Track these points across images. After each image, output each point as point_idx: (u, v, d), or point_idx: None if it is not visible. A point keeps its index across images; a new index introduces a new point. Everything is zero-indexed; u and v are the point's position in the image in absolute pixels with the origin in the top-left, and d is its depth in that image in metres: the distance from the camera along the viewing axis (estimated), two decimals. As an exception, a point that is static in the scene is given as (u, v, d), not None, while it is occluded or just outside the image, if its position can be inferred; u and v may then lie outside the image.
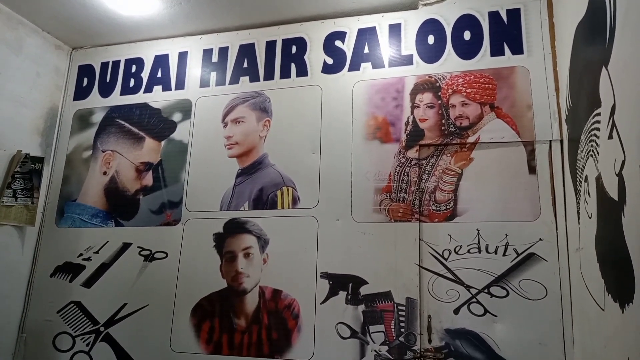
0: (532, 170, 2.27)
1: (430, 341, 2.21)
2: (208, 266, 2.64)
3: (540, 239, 2.18)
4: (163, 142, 2.94)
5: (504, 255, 2.20)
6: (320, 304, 2.40)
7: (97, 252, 2.87)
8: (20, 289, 2.91)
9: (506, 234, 2.22)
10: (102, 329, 2.74)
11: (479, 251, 2.24)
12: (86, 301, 2.81)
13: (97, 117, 3.14)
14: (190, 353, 2.55)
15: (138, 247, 2.80)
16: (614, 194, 1.46)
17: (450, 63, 2.54)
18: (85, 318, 2.79)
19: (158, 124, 2.99)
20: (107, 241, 2.86)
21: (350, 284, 2.38)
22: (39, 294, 2.92)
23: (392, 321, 2.28)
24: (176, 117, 2.97)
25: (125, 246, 2.82)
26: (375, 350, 2.28)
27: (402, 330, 2.26)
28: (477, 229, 2.27)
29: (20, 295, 2.91)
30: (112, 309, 2.74)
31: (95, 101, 3.17)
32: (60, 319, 2.83)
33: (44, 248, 2.99)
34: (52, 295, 2.88)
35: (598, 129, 1.63)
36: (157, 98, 3.03)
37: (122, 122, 3.06)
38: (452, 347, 2.18)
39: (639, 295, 1.27)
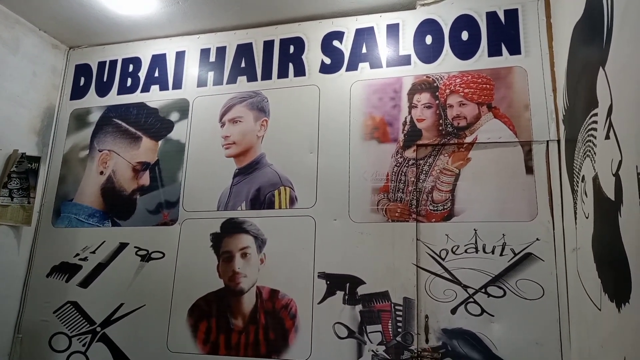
0: (530, 170, 2.27)
1: (427, 341, 2.21)
2: (205, 266, 2.63)
3: (537, 239, 2.18)
4: (160, 142, 2.94)
5: (501, 255, 2.21)
6: (318, 304, 2.40)
7: (93, 252, 2.86)
8: (16, 289, 2.90)
9: (503, 234, 2.22)
10: (98, 329, 2.73)
11: (476, 251, 2.24)
12: (83, 301, 2.80)
13: (94, 117, 3.13)
14: (187, 353, 2.55)
15: (135, 247, 2.79)
16: (610, 194, 1.46)
17: (448, 63, 2.54)
18: (81, 318, 2.78)
19: (155, 123, 2.98)
20: (104, 241, 2.85)
21: (348, 284, 2.38)
22: (35, 294, 2.91)
23: (390, 321, 2.28)
24: (173, 116, 2.96)
25: (122, 246, 2.81)
26: (372, 350, 2.28)
27: (400, 330, 2.26)
28: (474, 229, 2.27)
29: (16, 295, 2.90)
30: (108, 309, 2.73)
31: (92, 100, 3.16)
32: (56, 319, 2.82)
33: (40, 248, 2.98)
34: (49, 295, 2.87)
35: (595, 129, 1.64)
36: (155, 97, 3.03)
37: (119, 122, 3.05)
38: (450, 346, 2.18)
39: (635, 295, 1.28)
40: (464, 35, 2.55)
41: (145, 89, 3.07)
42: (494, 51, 2.48)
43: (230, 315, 2.54)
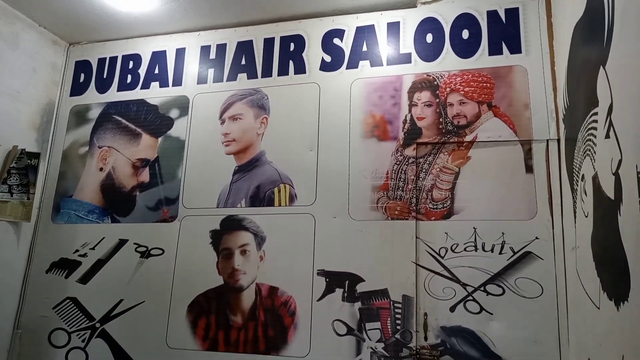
0: (529, 169, 2.27)
1: (426, 338, 2.22)
2: (204, 263, 2.63)
3: (537, 238, 2.19)
4: (160, 139, 2.93)
5: (500, 253, 2.21)
6: (317, 301, 2.40)
7: (93, 249, 2.86)
8: (15, 284, 2.90)
9: (503, 233, 2.23)
10: (98, 325, 2.73)
11: (476, 249, 2.24)
12: (82, 297, 2.80)
13: (94, 113, 3.12)
14: (187, 349, 2.55)
15: (134, 243, 2.79)
16: (610, 193, 1.46)
17: (448, 62, 2.54)
18: (81, 314, 2.78)
19: (155, 120, 2.98)
20: (103, 237, 2.85)
21: (347, 282, 2.38)
22: (35, 289, 2.91)
23: (389, 318, 2.29)
24: (173, 113, 2.96)
25: (122, 242, 2.82)
26: (371, 348, 2.28)
27: (398, 327, 2.27)
28: (473, 227, 2.27)
29: (16, 291, 2.90)
30: (108, 305, 2.73)
31: (92, 97, 3.16)
32: (55, 315, 2.82)
33: (39, 244, 2.98)
34: (48, 291, 2.87)
35: (595, 129, 1.64)
36: (154, 94, 3.02)
37: (119, 119, 3.05)
38: (448, 344, 2.19)
39: (634, 294, 1.28)
40: (465, 34, 2.55)
41: (145, 85, 3.06)
42: (494, 50, 2.48)
43: (230, 312, 2.54)
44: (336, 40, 2.76)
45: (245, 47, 2.92)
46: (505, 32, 2.49)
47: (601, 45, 1.55)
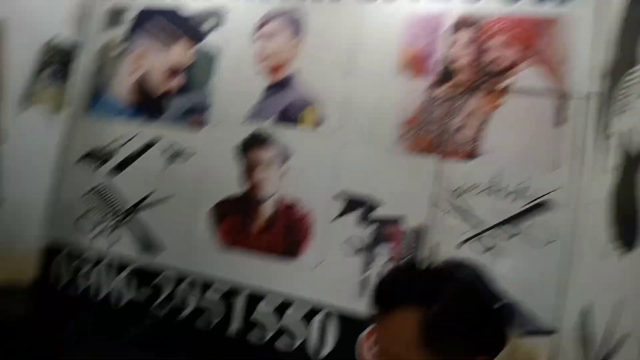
0: (560, 121, 2.26)
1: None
2: (229, 173, 2.74)
3: (557, 189, 2.20)
4: (194, 48, 2.95)
5: (517, 199, 2.24)
6: (332, 220, 2.51)
7: (123, 145, 2.98)
8: (46, 172, 3.04)
9: (523, 180, 2.24)
10: (125, 214, 2.90)
11: (494, 192, 2.28)
12: (110, 189, 2.97)
13: (130, 15, 3.12)
14: (210, 244, 2.72)
15: (164, 145, 2.91)
16: (635, 149, 1.50)
17: (492, 4, 2.45)
18: (108, 205, 2.94)
19: (189, 29, 2.97)
20: (134, 135, 2.96)
21: (364, 205, 2.47)
22: (64, 178, 3.07)
23: (398, 245, 2.39)
24: (208, 24, 2.95)
25: (152, 142, 2.93)
26: (378, 269, 2.40)
27: (406, 254, 2.37)
28: (496, 171, 2.29)
29: (46, 178, 3.04)
30: (135, 198, 2.91)
31: (129, -1, 3.14)
32: (85, 203, 3.01)
33: (71, 136, 3.11)
34: (78, 180, 3.03)
35: (632, 86, 1.64)
36: (190, 3, 3.00)
37: (154, 24, 3.05)
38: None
39: (638, 244, 1.35)
40: (514, -23, 2.46)
41: (182, -7, 3.03)
42: (542, -3, 2.40)
43: (250, 220, 2.67)
44: (382, -32, 2.67)
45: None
46: (559, -22, 2.39)
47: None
